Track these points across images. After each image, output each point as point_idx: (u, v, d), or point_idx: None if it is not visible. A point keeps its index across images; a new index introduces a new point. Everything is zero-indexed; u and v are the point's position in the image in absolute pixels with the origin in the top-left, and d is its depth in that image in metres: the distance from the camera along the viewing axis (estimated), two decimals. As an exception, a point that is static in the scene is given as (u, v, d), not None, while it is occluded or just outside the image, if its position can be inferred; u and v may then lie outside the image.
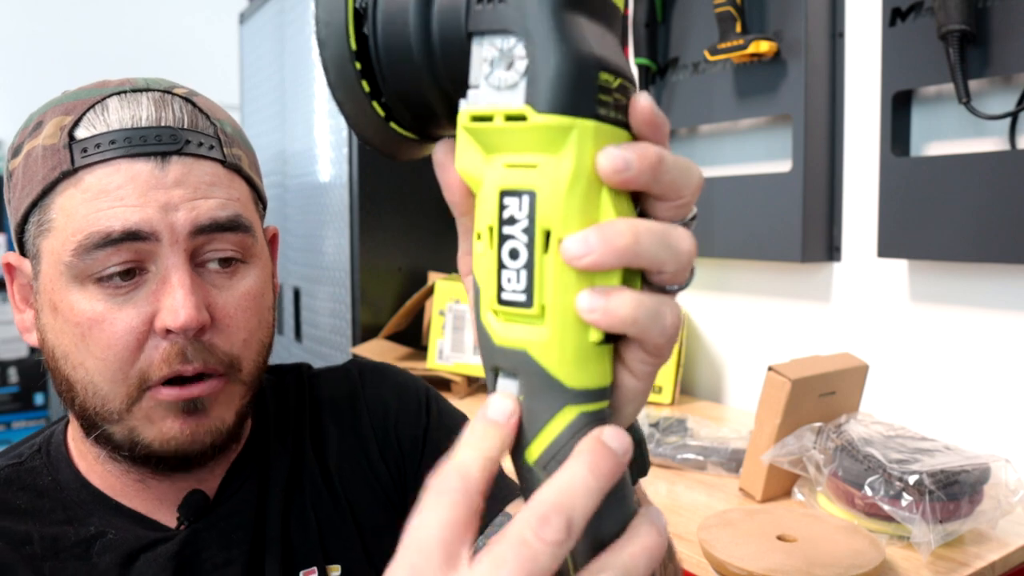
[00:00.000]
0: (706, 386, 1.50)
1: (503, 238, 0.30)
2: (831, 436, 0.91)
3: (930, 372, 1.15)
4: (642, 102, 0.29)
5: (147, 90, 0.52)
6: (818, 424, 0.94)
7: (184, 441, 0.50)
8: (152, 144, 0.49)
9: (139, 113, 0.50)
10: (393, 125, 0.34)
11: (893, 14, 1.10)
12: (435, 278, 1.58)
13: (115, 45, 3.46)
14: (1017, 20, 0.97)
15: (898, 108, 1.13)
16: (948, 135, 1.11)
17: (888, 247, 1.13)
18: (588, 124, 0.28)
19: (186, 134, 0.50)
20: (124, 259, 0.48)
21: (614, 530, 0.30)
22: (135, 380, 0.49)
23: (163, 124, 0.50)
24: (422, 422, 0.67)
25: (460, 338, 1.46)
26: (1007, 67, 1.00)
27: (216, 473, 0.57)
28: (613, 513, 0.30)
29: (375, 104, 0.33)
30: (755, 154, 1.38)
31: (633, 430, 0.37)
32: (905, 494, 0.81)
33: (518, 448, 0.31)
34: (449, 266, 1.73)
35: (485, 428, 0.30)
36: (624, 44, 1.60)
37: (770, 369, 0.94)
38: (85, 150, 0.48)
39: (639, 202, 0.32)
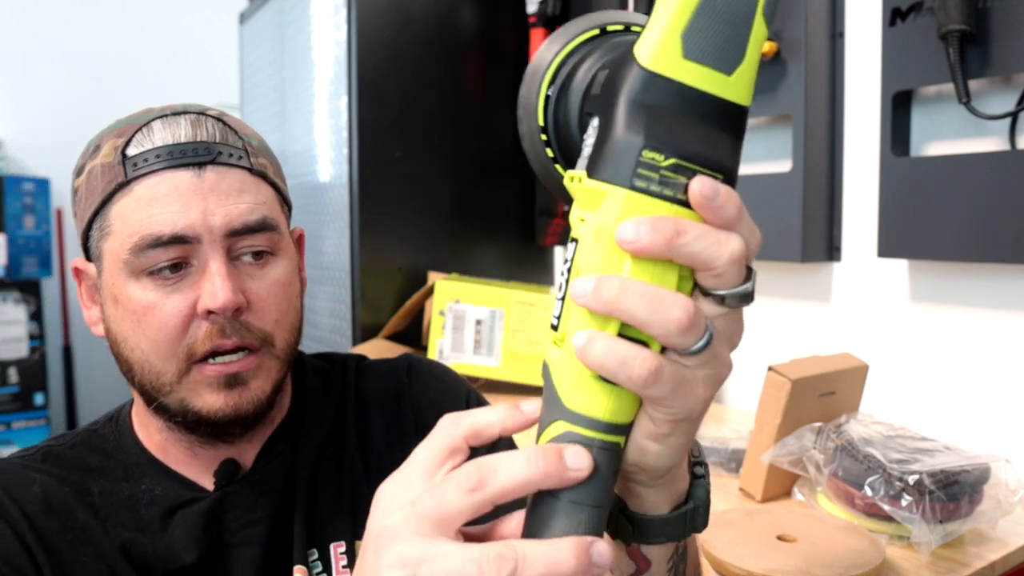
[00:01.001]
0: (706, 386, 1.49)
1: (562, 273, 0.37)
2: (831, 436, 0.91)
3: (930, 372, 1.15)
4: (694, 186, 0.33)
5: (184, 113, 0.61)
6: (818, 424, 0.94)
7: (229, 412, 0.59)
8: (190, 156, 0.58)
9: (178, 131, 0.59)
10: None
11: (893, 14, 1.10)
12: (435, 278, 1.58)
13: (115, 45, 3.46)
14: (1017, 20, 0.97)
15: (898, 108, 1.13)
16: (948, 135, 1.11)
17: (888, 247, 1.13)
18: (620, 192, 0.34)
19: (218, 147, 0.60)
20: (171, 256, 0.57)
21: (555, 530, 0.35)
22: (183, 355, 0.58)
23: (199, 139, 0.59)
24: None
25: (460, 338, 1.46)
26: (1007, 67, 1.00)
27: (253, 445, 0.66)
28: (560, 516, 0.36)
29: (557, 166, 0.42)
30: (755, 154, 1.38)
31: (696, 491, 0.43)
32: (905, 494, 0.81)
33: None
34: (449, 266, 1.73)
35: (507, 407, 0.38)
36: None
37: (770, 369, 0.94)
38: (135, 164, 0.58)
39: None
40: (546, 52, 0.42)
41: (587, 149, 0.36)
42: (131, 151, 0.58)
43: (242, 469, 0.65)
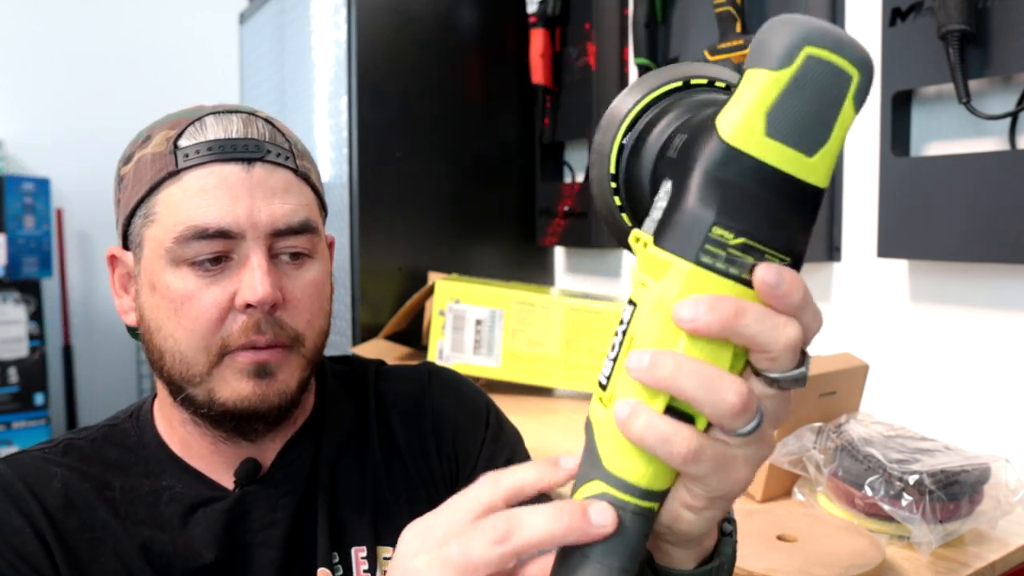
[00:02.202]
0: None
1: (615, 334, 0.37)
2: (831, 436, 0.91)
3: (930, 372, 1.15)
4: (759, 273, 0.33)
5: (236, 112, 0.62)
6: (818, 424, 0.94)
7: (255, 400, 0.59)
8: (240, 151, 0.59)
9: (230, 127, 0.60)
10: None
11: (893, 14, 1.10)
12: (435, 278, 1.58)
13: (115, 45, 3.46)
14: (1017, 20, 0.97)
15: (898, 108, 1.13)
16: (948, 135, 1.11)
17: (888, 247, 1.13)
18: (686, 265, 0.34)
19: (267, 145, 0.61)
20: (215, 249, 0.58)
21: None
22: (216, 347, 0.59)
23: (249, 136, 0.60)
24: (480, 434, 0.73)
25: (460, 338, 1.46)
26: (1007, 67, 1.00)
27: (275, 444, 0.66)
28: (576, 570, 0.36)
29: (624, 215, 0.43)
30: (755, 154, 1.38)
31: (723, 547, 0.44)
32: (905, 494, 0.81)
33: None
34: (449, 266, 1.73)
35: (545, 464, 0.39)
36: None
37: (770, 369, 0.94)
38: (187, 155, 0.59)
39: None
40: (626, 100, 0.42)
41: (657, 212, 0.36)
42: (183, 142, 0.59)
43: (262, 468, 0.65)
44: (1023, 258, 0.99)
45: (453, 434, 0.72)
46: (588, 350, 1.39)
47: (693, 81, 0.41)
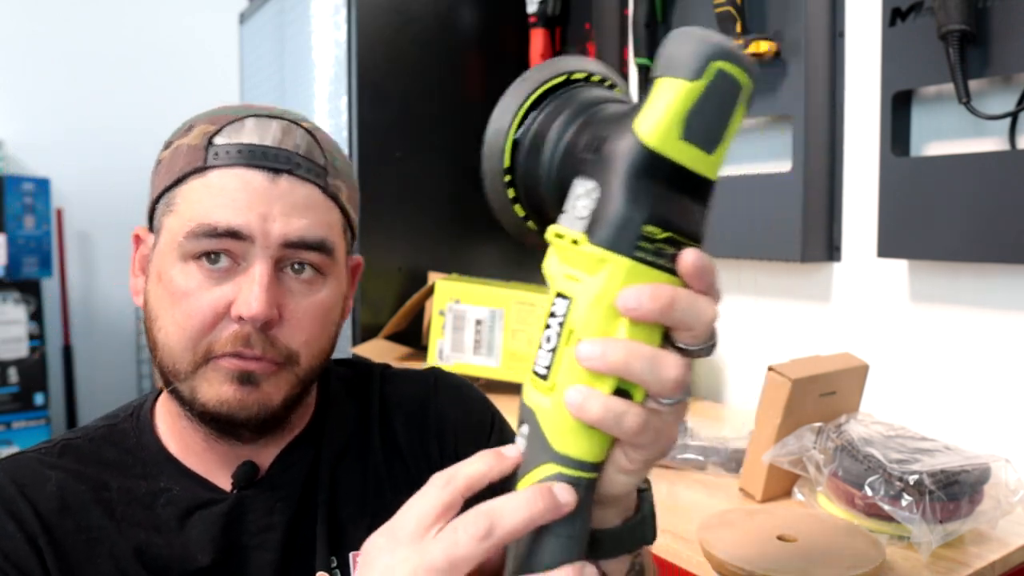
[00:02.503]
0: (706, 386, 1.50)
1: (547, 326, 0.40)
2: (831, 436, 0.91)
3: (930, 372, 1.15)
4: (686, 257, 0.38)
5: (280, 118, 0.62)
6: (818, 424, 0.94)
7: (235, 405, 0.58)
8: (270, 161, 0.59)
9: (266, 134, 0.60)
10: (528, 224, 0.46)
11: (893, 14, 1.10)
12: (435, 278, 1.58)
13: (115, 45, 3.46)
14: (1017, 20, 0.97)
15: (898, 108, 1.13)
16: (948, 135, 1.11)
17: (888, 247, 1.13)
18: (623, 261, 0.37)
19: (299, 159, 0.60)
20: (222, 247, 0.57)
21: (549, 562, 0.40)
22: (202, 351, 0.58)
23: (283, 147, 0.60)
24: (484, 440, 0.72)
25: (460, 338, 1.46)
26: (1007, 67, 0.99)
27: (273, 448, 0.66)
28: (552, 548, 0.40)
29: (516, 207, 0.46)
30: (755, 154, 1.38)
31: (643, 504, 0.48)
32: (905, 494, 0.81)
33: (512, 480, 0.42)
34: (449, 266, 1.73)
35: (492, 455, 0.42)
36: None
37: (770, 369, 0.94)
38: (216, 154, 0.59)
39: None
40: (512, 98, 0.45)
41: (582, 210, 0.39)
42: (218, 140, 0.59)
43: (260, 471, 0.64)
44: (1023, 258, 0.99)
45: (456, 438, 0.72)
46: (588, 350, 1.39)
47: (573, 76, 0.45)
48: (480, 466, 0.42)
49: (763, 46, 1.23)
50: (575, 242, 0.38)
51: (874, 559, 0.75)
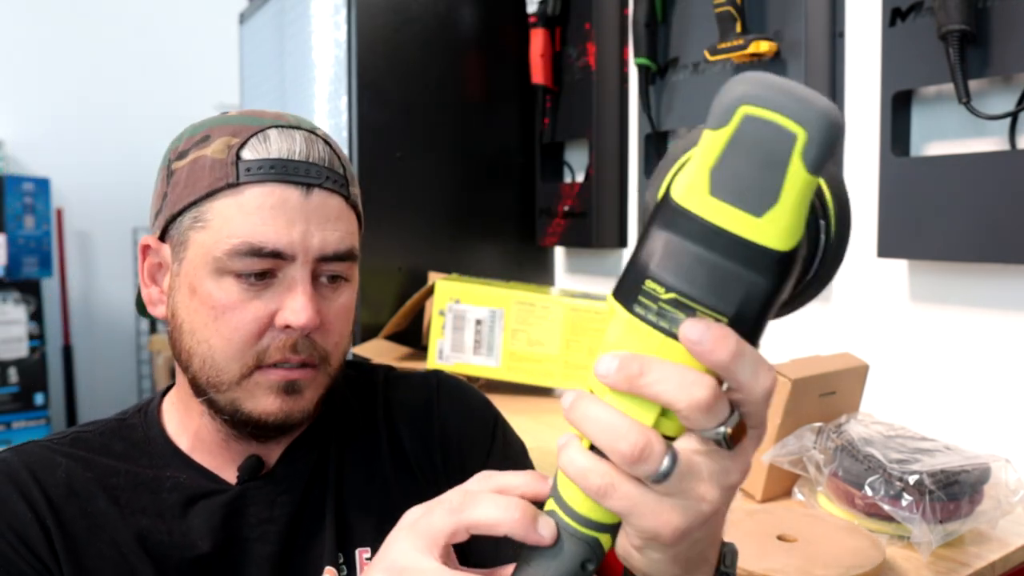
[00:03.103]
0: (706, 386, 1.49)
1: None
2: (831, 436, 0.91)
3: (930, 372, 1.15)
4: (683, 328, 0.34)
5: (298, 128, 0.63)
6: (818, 424, 0.94)
7: (281, 417, 0.61)
8: (303, 176, 0.61)
9: (293, 147, 0.61)
10: None
11: (893, 14, 1.10)
12: (435, 278, 1.58)
13: (115, 45, 3.46)
14: (1017, 20, 0.97)
15: (898, 108, 1.13)
16: (948, 135, 1.11)
17: (888, 247, 1.13)
18: (623, 314, 0.36)
19: (326, 171, 0.62)
20: (264, 267, 0.60)
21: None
22: (251, 360, 0.60)
23: (311, 160, 0.62)
24: (486, 446, 0.74)
25: (460, 338, 1.46)
26: (1007, 67, 1.00)
27: (280, 444, 0.68)
28: (517, 573, 0.40)
29: None
30: (755, 154, 1.38)
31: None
32: (905, 494, 0.81)
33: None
34: (449, 266, 1.73)
35: (533, 477, 0.42)
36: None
37: (770, 369, 0.94)
38: (248, 169, 0.60)
39: None
40: (689, 138, 0.41)
41: None
42: (246, 155, 0.60)
43: (266, 466, 0.67)
44: (1023, 258, 0.99)
45: (459, 446, 0.73)
46: (588, 350, 1.39)
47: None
48: (519, 480, 0.42)
49: (763, 46, 1.23)
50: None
51: (874, 559, 0.75)
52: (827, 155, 0.32)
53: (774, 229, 0.33)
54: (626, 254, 1.70)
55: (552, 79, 1.72)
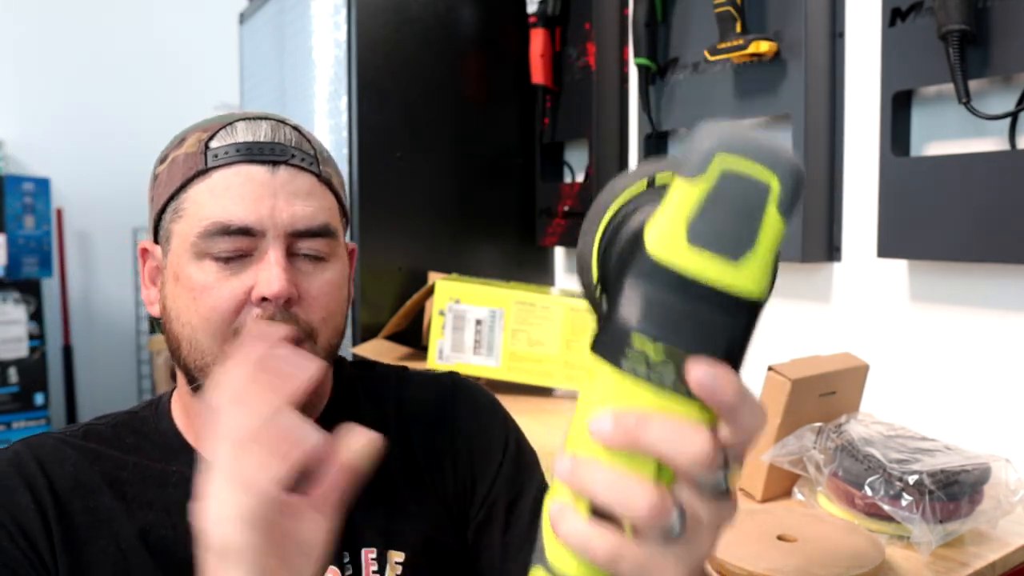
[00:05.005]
0: (706, 386, 1.49)
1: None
2: (831, 436, 0.91)
3: (930, 372, 1.15)
4: (694, 373, 0.34)
5: (266, 118, 0.65)
6: (818, 424, 0.94)
7: None
8: (267, 154, 0.62)
9: (259, 132, 0.63)
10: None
11: (893, 14, 1.10)
12: (435, 278, 1.58)
13: (115, 44, 3.46)
14: (1017, 20, 0.97)
15: (898, 108, 1.13)
16: (948, 135, 1.11)
17: (888, 247, 1.13)
18: (607, 369, 0.35)
19: (293, 150, 0.63)
20: (236, 245, 0.61)
21: None
22: (231, 336, 0.61)
23: (276, 140, 0.63)
24: (498, 456, 0.74)
25: (460, 338, 1.46)
26: (1007, 67, 0.99)
27: None
28: None
29: (599, 294, 0.42)
30: (755, 154, 1.38)
31: None
32: (905, 494, 0.81)
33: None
34: (449, 266, 1.73)
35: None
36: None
37: (770, 369, 0.94)
38: (216, 155, 0.62)
39: None
40: (605, 197, 0.42)
41: (601, 310, 0.37)
42: (214, 144, 0.63)
43: None
44: (1023, 258, 0.99)
45: (470, 453, 0.73)
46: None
47: (657, 182, 0.42)
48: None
49: (763, 46, 1.23)
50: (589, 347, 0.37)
51: (874, 559, 0.75)
52: (797, 202, 0.34)
53: (750, 276, 0.34)
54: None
55: (552, 79, 1.72)
